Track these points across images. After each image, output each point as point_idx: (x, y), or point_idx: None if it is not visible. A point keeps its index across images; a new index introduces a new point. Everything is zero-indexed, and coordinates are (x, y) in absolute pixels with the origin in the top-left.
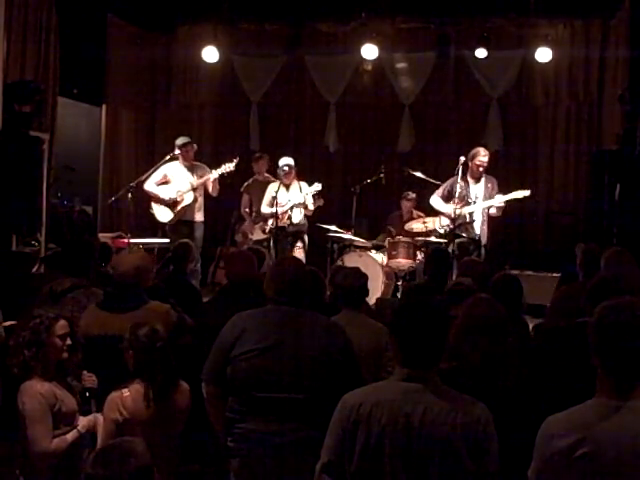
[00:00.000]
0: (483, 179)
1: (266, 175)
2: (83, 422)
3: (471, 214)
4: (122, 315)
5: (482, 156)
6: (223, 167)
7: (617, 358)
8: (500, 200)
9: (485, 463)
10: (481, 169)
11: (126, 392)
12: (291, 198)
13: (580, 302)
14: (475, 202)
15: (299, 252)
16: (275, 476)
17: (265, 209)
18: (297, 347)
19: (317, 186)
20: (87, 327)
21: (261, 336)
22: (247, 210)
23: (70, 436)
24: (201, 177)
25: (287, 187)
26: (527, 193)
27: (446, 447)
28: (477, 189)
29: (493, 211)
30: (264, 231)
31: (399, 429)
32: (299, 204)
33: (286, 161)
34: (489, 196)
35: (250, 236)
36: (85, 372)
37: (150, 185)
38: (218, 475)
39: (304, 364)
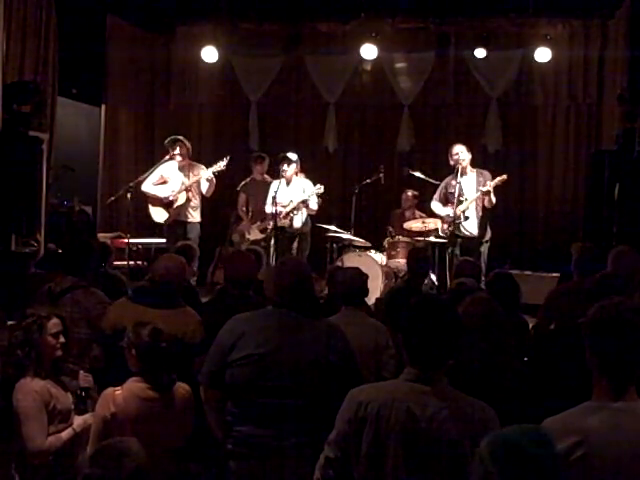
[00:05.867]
0: (473, 174)
1: (264, 176)
2: (79, 421)
3: (464, 212)
4: (157, 311)
5: (454, 151)
6: (215, 166)
7: (610, 359)
8: (481, 191)
9: None
10: (459, 165)
11: (118, 390)
12: (293, 197)
13: (573, 301)
14: (467, 199)
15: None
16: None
17: (268, 209)
18: (296, 352)
19: (319, 188)
20: (117, 319)
21: (260, 341)
22: (244, 209)
23: (65, 434)
24: (195, 177)
25: (288, 183)
26: (504, 177)
27: (453, 450)
28: (467, 185)
29: (486, 203)
30: (262, 231)
31: (407, 431)
32: (301, 203)
33: (287, 155)
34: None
35: (247, 236)
36: (81, 372)
37: (147, 186)
38: (218, 475)
39: (303, 369)
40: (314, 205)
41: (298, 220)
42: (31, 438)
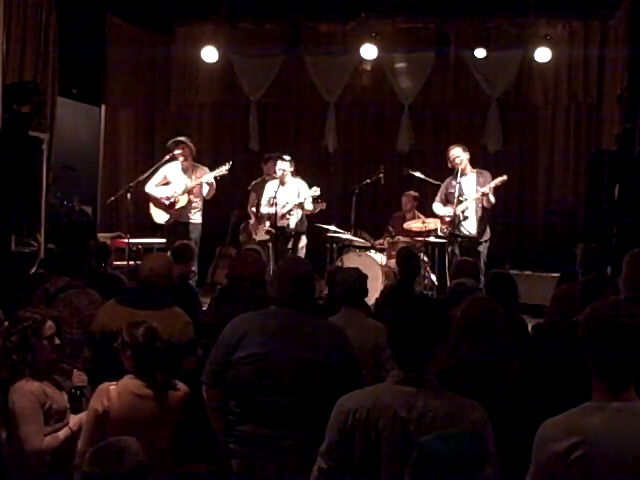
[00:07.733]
0: (473, 174)
1: (274, 176)
2: (75, 420)
3: (463, 212)
4: (144, 312)
5: (451, 155)
6: (216, 171)
7: (607, 360)
8: (480, 192)
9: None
10: (458, 166)
11: (113, 385)
12: (288, 199)
13: (574, 301)
14: (467, 199)
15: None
16: (275, 479)
17: (264, 209)
18: (298, 351)
19: (315, 191)
20: (106, 322)
21: (263, 340)
22: (253, 209)
23: (62, 434)
24: (197, 179)
25: (283, 183)
26: (504, 178)
27: None
28: (467, 185)
29: (485, 203)
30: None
31: (395, 435)
32: (296, 205)
33: (281, 155)
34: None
35: (254, 236)
36: (75, 370)
37: (150, 187)
38: (218, 475)
39: (305, 368)
40: (309, 206)
41: (293, 220)
42: (28, 439)
